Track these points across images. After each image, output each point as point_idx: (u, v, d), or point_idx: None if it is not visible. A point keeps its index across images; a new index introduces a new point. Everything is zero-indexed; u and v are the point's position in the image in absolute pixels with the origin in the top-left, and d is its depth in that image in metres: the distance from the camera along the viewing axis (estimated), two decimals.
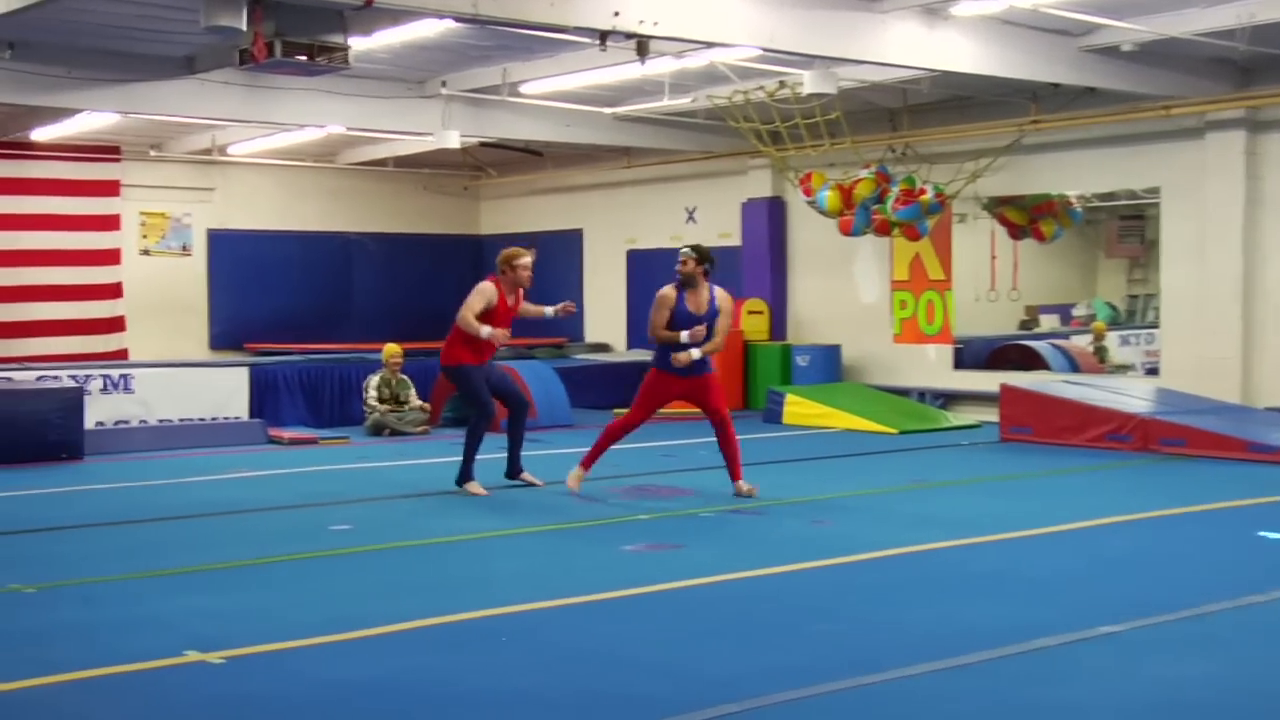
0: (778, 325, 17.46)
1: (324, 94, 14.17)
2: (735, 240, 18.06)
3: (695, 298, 9.67)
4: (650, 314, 9.71)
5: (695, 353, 9.50)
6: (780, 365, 16.69)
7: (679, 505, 9.33)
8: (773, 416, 15.08)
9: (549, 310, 10.16)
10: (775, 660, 5.36)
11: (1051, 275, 18.63)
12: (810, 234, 17.16)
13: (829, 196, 15.06)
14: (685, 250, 9.79)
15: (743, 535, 8.21)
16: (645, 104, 15.26)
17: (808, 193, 15.36)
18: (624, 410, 10.10)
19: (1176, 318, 14.25)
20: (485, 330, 9.67)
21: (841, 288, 17.01)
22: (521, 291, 10.01)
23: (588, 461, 9.97)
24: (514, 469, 10.19)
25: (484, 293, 9.83)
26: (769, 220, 17.51)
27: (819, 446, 13.02)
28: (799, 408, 14.89)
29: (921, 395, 15.89)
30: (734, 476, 9.68)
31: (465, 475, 9.85)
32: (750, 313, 17.16)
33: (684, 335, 9.49)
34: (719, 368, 10.12)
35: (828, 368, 16.43)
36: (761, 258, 17.56)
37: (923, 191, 14.75)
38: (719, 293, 9.74)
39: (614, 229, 19.82)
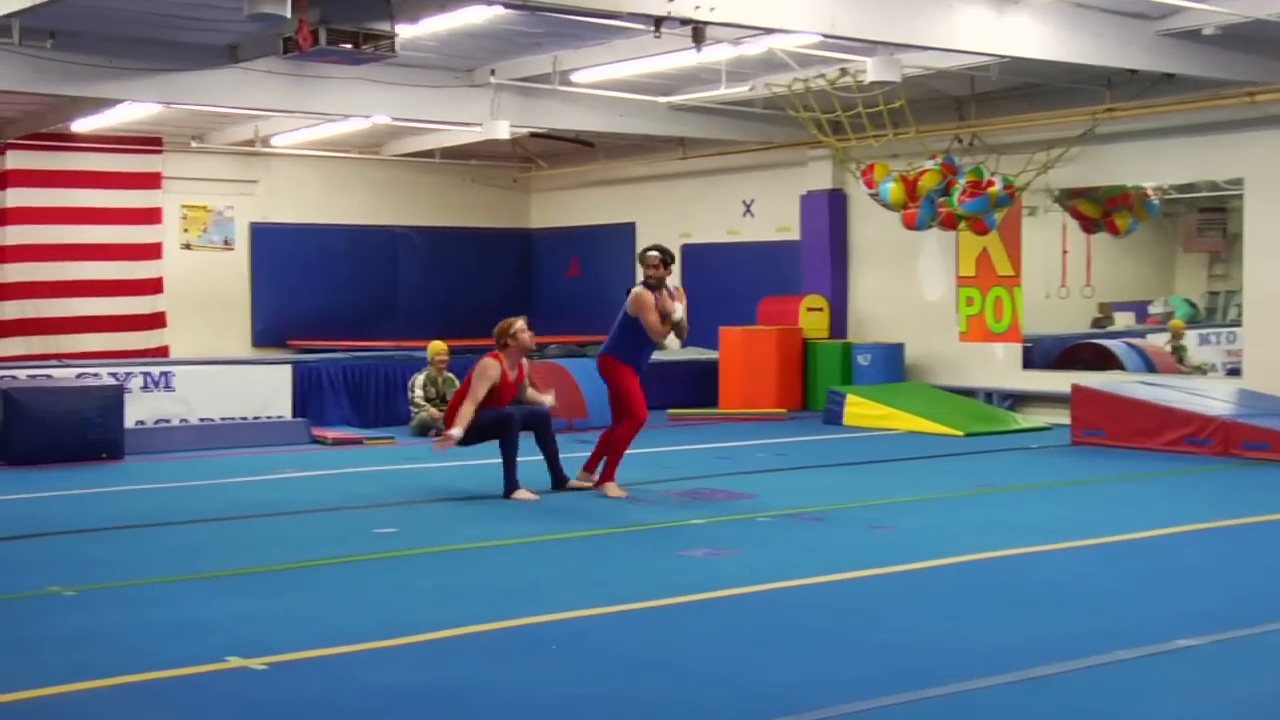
0: (838, 323, 17.40)
1: (370, 83, 14.27)
2: (794, 234, 18.01)
3: (663, 296, 10.02)
4: (645, 317, 9.86)
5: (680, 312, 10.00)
6: (841, 364, 16.63)
7: (735, 509, 9.33)
8: (833, 418, 15.05)
9: (548, 399, 10.37)
10: (834, 671, 5.35)
11: (1126, 271, 18.44)
12: (872, 228, 17.09)
13: (892, 189, 15.00)
14: (653, 254, 10.02)
15: (800, 541, 8.20)
16: (701, 93, 15.25)
17: (870, 185, 15.30)
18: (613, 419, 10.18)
19: (1260, 315, 14.08)
20: (453, 431, 9.69)
21: (905, 284, 16.93)
22: (525, 364, 10.19)
23: (610, 472, 10.00)
24: (559, 479, 10.22)
25: (486, 375, 9.94)
26: (829, 213, 17.46)
27: (880, 449, 12.97)
28: (860, 409, 14.84)
29: (989, 396, 15.80)
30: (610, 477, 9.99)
31: (511, 485, 9.88)
32: (810, 310, 17.12)
33: (678, 310, 9.97)
34: (779, 364, 10.19)
35: (890, 367, 16.36)
36: (821, 252, 17.51)
37: (991, 183, 14.66)
38: (673, 285, 10.17)
39: (668, 223, 19.81)
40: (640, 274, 10.17)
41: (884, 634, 5.93)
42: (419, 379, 14.58)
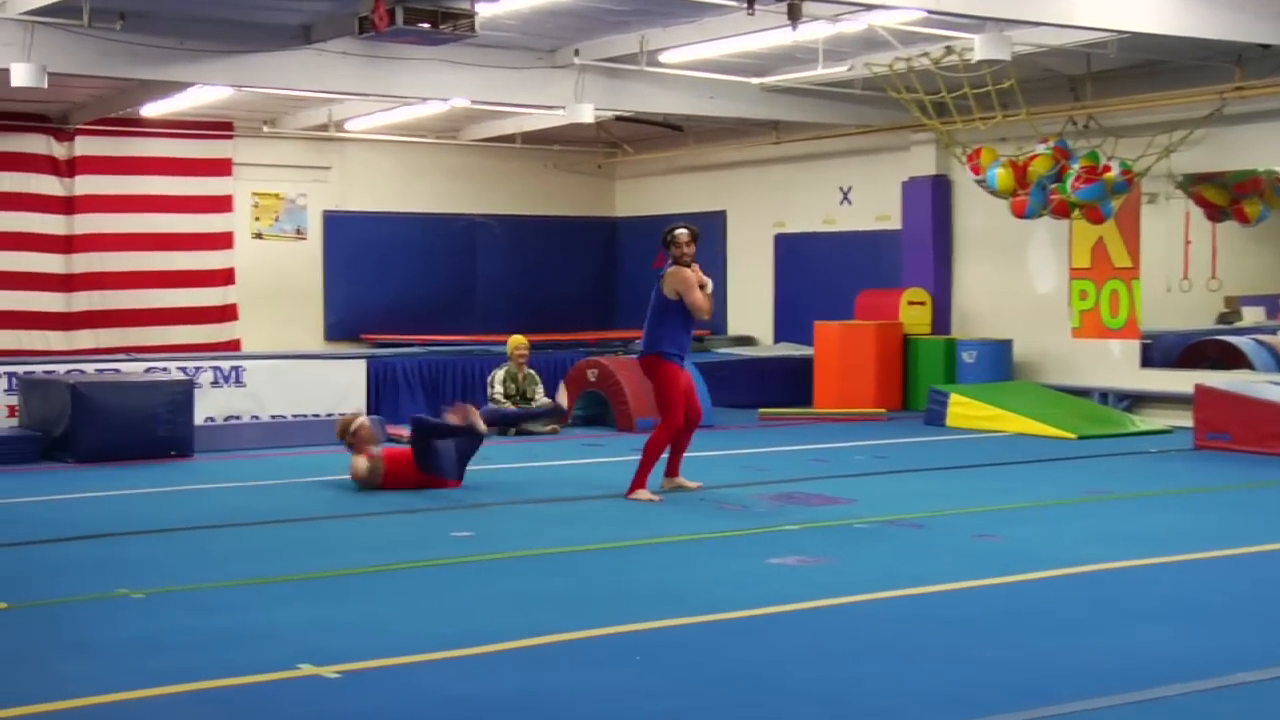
0: (941, 317, 17.27)
1: (448, 64, 14.37)
2: (895, 223, 17.90)
3: (696, 273, 10.19)
4: (690, 295, 9.94)
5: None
6: (944, 362, 16.52)
7: (830, 515, 9.31)
8: (935, 418, 14.95)
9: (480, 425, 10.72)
10: (936, 688, 5.32)
11: (1256, 262, 18.10)
12: (979, 216, 16.94)
13: (1001, 175, 14.87)
14: (682, 232, 10.15)
15: (900, 549, 8.16)
16: (796, 73, 15.20)
17: (977, 170, 15.17)
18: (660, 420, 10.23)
19: None
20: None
21: (1013, 276, 16.77)
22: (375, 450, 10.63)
23: (641, 479, 10.00)
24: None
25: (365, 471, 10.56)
26: (933, 201, 17.33)
27: (986, 452, 12.87)
28: (964, 409, 14.73)
29: (1104, 396, 15.61)
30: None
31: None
32: (911, 303, 17.01)
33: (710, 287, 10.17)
34: (878, 362, 10.15)
35: (997, 365, 16.22)
36: (924, 243, 17.39)
37: (1107, 169, 14.48)
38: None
39: (761, 211, 19.77)
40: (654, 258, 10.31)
41: (989, 649, 5.89)
42: (498, 375, 14.68)
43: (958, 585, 7.09)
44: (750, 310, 19.84)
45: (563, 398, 13.84)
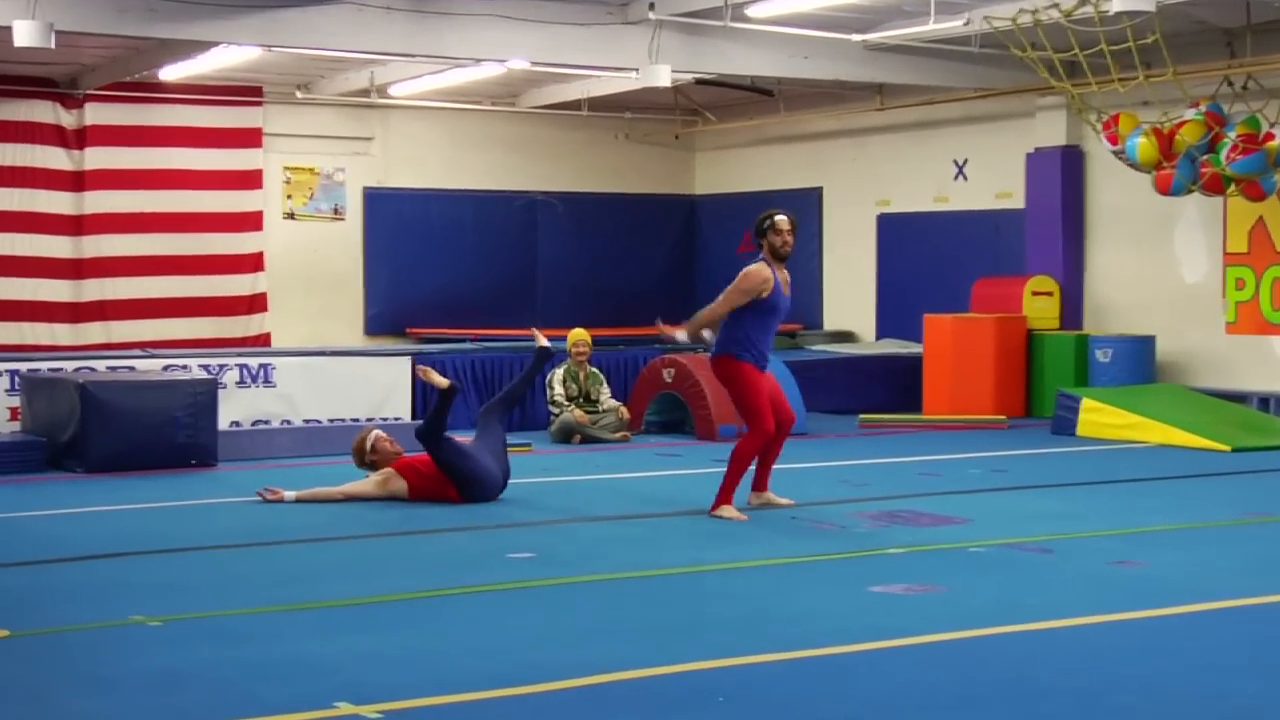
0: (1071, 310, 17.15)
1: (505, 21, 14.44)
2: (1017, 201, 17.80)
3: (784, 275, 10.10)
4: (730, 297, 9.92)
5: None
6: (1074, 361, 16.41)
7: (942, 537, 9.27)
8: (1064, 426, 14.85)
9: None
10: None
11: None
12: (1116, 193, 16.81)
13: (1142, 144, 14.74)
14: (783, 219, 10.11)
15: (1023, 577, 8.11)
16: (904, 29, 15.14)
17: (1114, 140, 15.05)
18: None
19: None
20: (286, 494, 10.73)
21: (1157, 262, 16.62)
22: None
23: (726, 494, 9.96)
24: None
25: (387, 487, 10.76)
26: (1063, 175, 17.21)
27: (1123, 466, 12.77)
28: (1098, 416, 14.62)
29: (1264, 402, 15.45)
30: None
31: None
32: (1036, 294, 16.91)
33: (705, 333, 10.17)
34: (998, 361, 10.07)
35: (1137, 365, 16.08)
36: (1051, 224, 17.27)
37: (1269, 137, 14.33)
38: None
39: (862, 187, 19.71)
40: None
41: (1126, 694, 5.85)
42: (558, 374, 14.73)
43: (1090, 619, 7.04)
44: (849, 302, 19.79)
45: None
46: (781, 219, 10.09)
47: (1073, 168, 17.29)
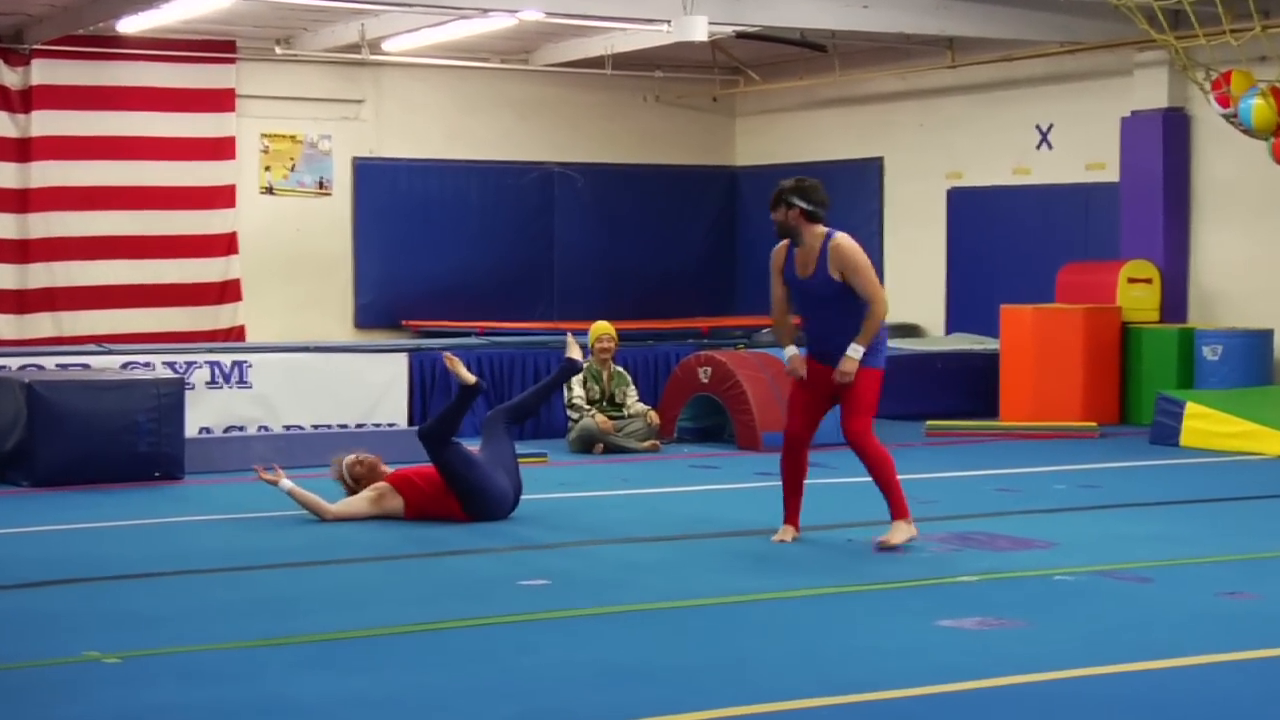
0: (1173, 300, 17.09)
1: None
2: (1111, 174, 17.74)
3: (803, 256, 9.90)
4: (854, 278, 9.72)
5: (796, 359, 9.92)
6: (1177, 360, 16.36)
7: (1022, 563, 9.25)
8: (1165, 435, 14.81)
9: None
10: None
11: None
12: (1227, 163, 16.76)
13: (1258, 107, 14.69)
14: (817, 183, 10.02)
15: (1116, 610, 8.09)
16: None
17: (1225, 102, 15.00)
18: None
19: None
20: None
21: (1274, 244, 16.57)
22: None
23: (903, 509, 9.86)
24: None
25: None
26: (1164, 143, 17.16)
27: (1235, 482, 12.74)
28: (1205, 423, 14.59)
29: None
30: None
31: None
32: (1132, 281, 16.85)
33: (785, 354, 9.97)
34: (1087, 359, 10.00)
35: (1251, 365, 16.03)
36: (1150, 200, 17.22)
37: None
38: (835, 242, 9.79)
39: (930, 158, 19.67)
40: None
41: None
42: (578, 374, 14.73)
43: (1196, 660, 7.02)
44: (915, 290, 19.74)
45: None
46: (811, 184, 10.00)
47: (1176, 134, 17.23)
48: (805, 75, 20.60)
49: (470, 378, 10.85)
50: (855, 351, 9.56)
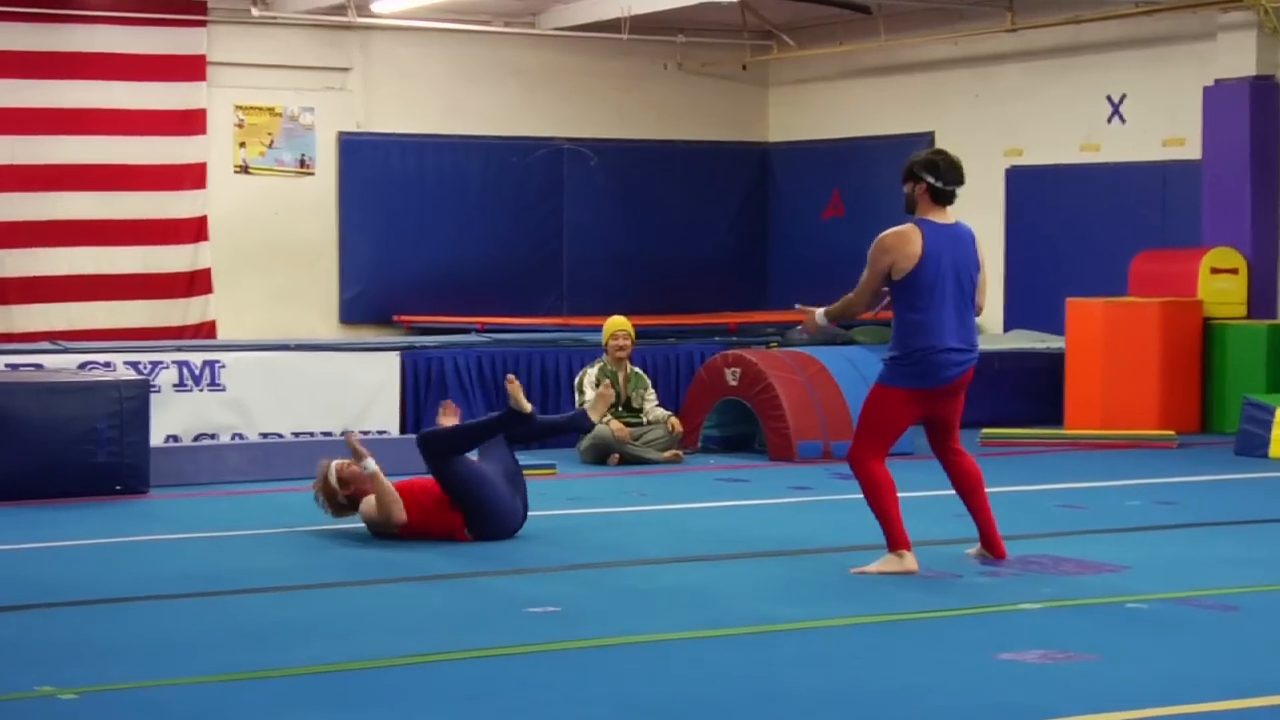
0: (1262, 293, 17.07)
1: None
2: (1191, 150, 17.71)
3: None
4: (864, 275, 9.76)
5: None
6: (1266, 360, 16.35)
7: (1091, 589, 9.24)
8: (1252, 445, 14.81)
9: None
10: None
11: None
12: None
13: None
14: (954, 159, 9.86)
15: (1197, 642, 8.08)
16: None
17: None
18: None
19: None
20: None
21: None
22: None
23: (893, 540, 9.87)
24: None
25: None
26: (1251, 116, 17.12)
27: None
28: None
29: None
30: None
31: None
32: (1215, 271, 16.82)
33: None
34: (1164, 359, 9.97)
35: None
36: (1236, 179, 17.19)
37: None
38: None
39: (986, 133, 19.64)
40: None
41: None
42: (589, 374, 14.72)
43: None
44: None
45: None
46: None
47: (1265, 106, 17.19)
48: (846, 40, 20.59)
49: (527, 406, 10.79)
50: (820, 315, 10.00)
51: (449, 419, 11.11)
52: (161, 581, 9.47)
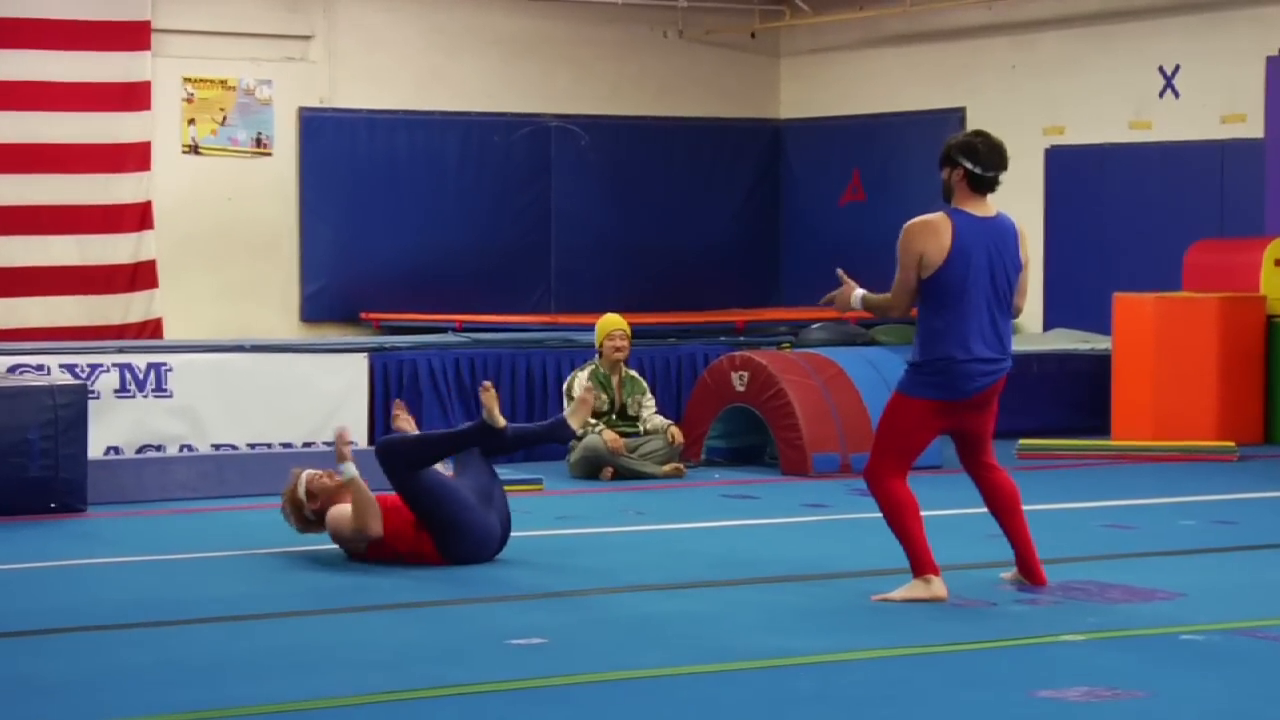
0: None
1: None
2: (1253, 128, 17.76)
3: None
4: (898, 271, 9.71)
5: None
6: None
7: (1140, 619, 9.27)
8: None
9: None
10: None
11: None
12: None
13: None
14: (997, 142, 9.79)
15: (1257, 677, 8.10)
16: None
17: None
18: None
19: None
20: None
21: None
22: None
23: (920, 564, 9.87)
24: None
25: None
26: None
27: None
28: None
29: None
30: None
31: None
32: (1279, 263, 16.85)
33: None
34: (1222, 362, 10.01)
35: None
36: None
37: None
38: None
39: (1023, 108, 19.68)
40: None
41: None
42: (580, 377, 14.72)
43: None
44: None
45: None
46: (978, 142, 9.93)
47: None
48: (868, 5, 20.63)
49: (500, 421, 10.76)
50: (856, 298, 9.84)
51: (403, 422, 11.12)
52: (101, 610, 9.48)
